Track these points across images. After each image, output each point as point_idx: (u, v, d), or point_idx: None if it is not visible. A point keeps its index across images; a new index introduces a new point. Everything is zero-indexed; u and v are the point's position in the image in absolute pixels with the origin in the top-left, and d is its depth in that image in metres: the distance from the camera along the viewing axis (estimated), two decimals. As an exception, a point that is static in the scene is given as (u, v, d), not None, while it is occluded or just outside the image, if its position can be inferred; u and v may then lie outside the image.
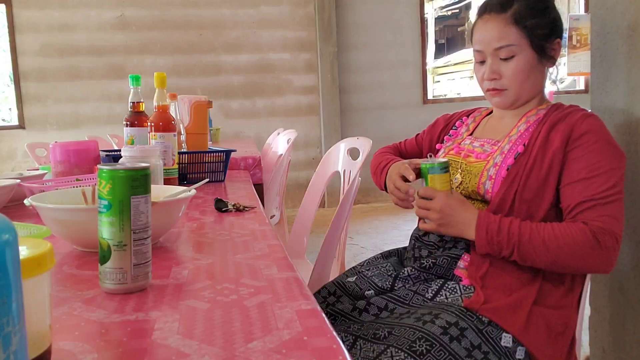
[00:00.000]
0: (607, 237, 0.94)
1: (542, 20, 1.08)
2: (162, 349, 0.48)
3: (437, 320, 0.90)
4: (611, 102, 1.40)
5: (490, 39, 1.08)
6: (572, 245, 0.93)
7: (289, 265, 0.75)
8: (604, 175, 0.97)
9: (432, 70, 10.09)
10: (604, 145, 1.00)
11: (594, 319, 1.52)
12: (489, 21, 1.09)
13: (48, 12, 4.75)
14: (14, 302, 0.34)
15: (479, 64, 1.14)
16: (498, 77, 1.10)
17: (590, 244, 0.93)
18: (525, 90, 1.11)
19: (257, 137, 4.92)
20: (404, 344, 0.85)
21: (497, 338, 0.90)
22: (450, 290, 1.01)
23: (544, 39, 1.08)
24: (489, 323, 0.91)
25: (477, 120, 1.25)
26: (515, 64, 1.08)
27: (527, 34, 1.06)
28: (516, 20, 1.06)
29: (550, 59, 1.11)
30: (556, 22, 1.11)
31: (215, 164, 1.66)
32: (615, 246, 0.95)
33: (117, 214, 0.63)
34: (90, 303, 0.62)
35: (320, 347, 0.48)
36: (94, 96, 4.87)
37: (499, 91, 1.11)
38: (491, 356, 0.88)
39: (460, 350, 0.87)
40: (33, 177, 1.38)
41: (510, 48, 1.07)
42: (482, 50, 1.11)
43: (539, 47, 1.08)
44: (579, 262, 0.95)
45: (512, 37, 1.07)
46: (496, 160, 1.07)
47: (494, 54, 1.09)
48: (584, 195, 0.97)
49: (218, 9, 4.99)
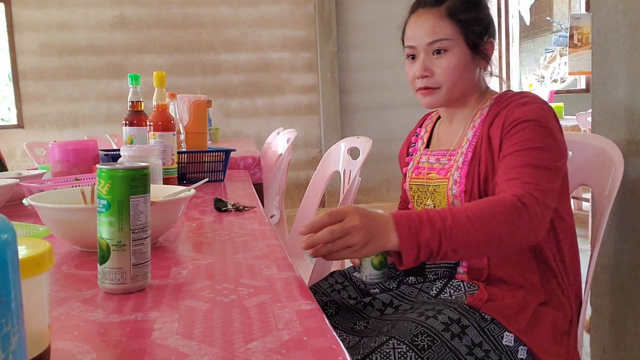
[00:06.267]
0: (531, 200, 0.88)
1: (477, 16, 1.06)
2: (162, 349, 0.48)
3: (439, 316, 0.90)
4: (612, 101, 1.40)
5: (424, 34, 1.05)
6: (497, 213, 0.86)
7: (289, 265, 0.75)
8: (535, 150, 0.94)
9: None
10: (537, 127, 0.96)
11: (594, 320, 1.52)
12: (422, 15, 1.06)
13: (47, 11, 4.74)
14: (13, 302, 0.34)
15: (410, 61, 1.09)
16: (430, 74, 1.05)
17: (514, 207, 0.86)
18: (457, 89, 1.07)
19: (256, 136, 4.92)
20: (406, 336, 0.86)
21: (499, 337, 0.90)
22: (454, 288, 1.01)
23: (478, 35, 1.06)
24: (491, 321, 0.92)
25: (428, 129, 1.22)
26: (449, 59, 1.04)
27: (462, 29, 1.04)
28: (451, 13, 1.04)
29: (484, 57, 1.08)
30: (489, 21, 1.09)
31: (214, 163, 1.65)
32: (539, 211, 0.88)
33: (117, 214, 0.63)
34: (89, 303, 0.62)
35: (320, 347, 0.48)
36: (93, 95, 4.87)
37: (430, 90, 1.07)
38: (492, 355, 0.89)
39: (461, 347, 0.87)
40: (32, 176, 1.38)
41: (444, 42, 1.04)
42: (414, 45, 1.07)
43: (473, 44, 1.05)
44: (509, 228, 0.86)
45: (447, 31, 1.03)
46: (455, 177, 1.06)
47: (427, 49, 1.05)
48: (512, 165, 0.94)
49: (217, 8, 4.98)
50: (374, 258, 1.05)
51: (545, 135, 0.96)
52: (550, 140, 0.96)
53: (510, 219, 0.86)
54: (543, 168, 0.93)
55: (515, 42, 5.72)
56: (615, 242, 1.42)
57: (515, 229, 0.86)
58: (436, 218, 0.84)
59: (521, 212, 0.87)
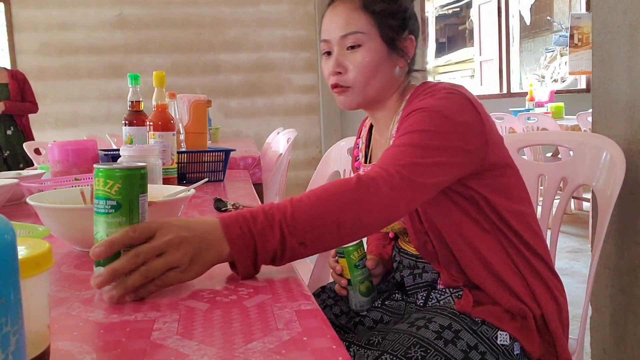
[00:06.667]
0: (382, 173, 0.79)
1: (393, 8, 0.99)
2: (161, 350, 0.48)
3: (430, 325, 0.89)
4: (613, 101, 1.40)
5: (337, 26, 0.99)
6: (343, 191, 0.76)
7: (289, 265, 0.75)
8: (414, 133, 0.86)
9: (432, 69, 10.11)
10: (425, 113, 0.88)
11: (594, 320, 1.52)
12: (336, 7, 1.00)
13: (47, 10, 4.74)
14: (13, 302, 0.34)
15: (326, 57, 1.03)
16: (343, 70, 0.99)
17: (361, 183, 0.76)
18: (372, 88, 0.99)
19: (256, 136, 4.92)
20: (399, 350, 0.84)
21: (493, 337, 0.89)
22: (440, 293, 0.99)
23: (395, 30, 0.99)
24: (482, 323, 0.90)
25: (364, 139, 1.17)
26: (363, 54, 0.97)
27: (377, 22, 0.97)
28: (365, 5, 0.97)
29: (402, 55, 1.01)
30: (409, 16, 1.02)
31: (214, 163, 1.65)
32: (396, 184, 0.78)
33: (127, 214, 0.63)
34: (89, 303, 0.61)
35: (320, 348, 0.48)
36: (93, 95, 4.87)
37: (343, 89, 1.00)
38: (488, 356, 0.88)
39: (456, 353, 0.86)
40: (31, 176, 1.38)
41: (358, 36, 0.97)
42: (328, 39, 1.01)
43: (389, 39, 0.98)
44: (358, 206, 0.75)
45: (360, 24, 0.97)
46: None
47: (340, 43, 0.99)
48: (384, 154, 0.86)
49: (217, 8, 4.99)
50: (360, 285, 1.01)
51: (434, 118, 0.87)
52: (439, 122, 0.86)
53: (358, 196, 0.75)
54: (416, 147, 0.84)
55: (515, 42, 5.72)
56: (615, 242, 1.41)
57: (366, 205, 0.76)
58: (274, 210, 0.71)
59: (369, 187, 0.77)
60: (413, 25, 1.03)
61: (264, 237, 0.69)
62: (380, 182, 0.77)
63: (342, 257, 1.01)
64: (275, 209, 0.71)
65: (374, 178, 0.78)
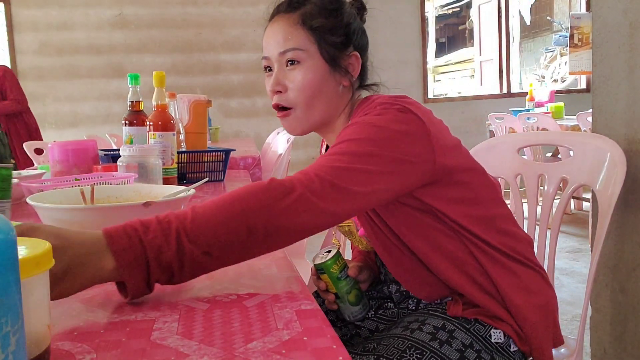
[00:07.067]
0: (300, 176, 0.73)
1: (334, 24, 0.93)
2: (161, 349, 0.48)
3: (424, 327, 0.88)
4: (613, 101, 1.40)
5: (276, 42, 0.94)
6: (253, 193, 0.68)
7: (289, 265, 0.75)
8: (340, 144, 0.80)
9: (432, 69, 10.11)
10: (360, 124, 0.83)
11: (595, 320, 1.52)
12: (275, 23, 0.96)
13: (47, 10, 4.74)
14: (13, 302, 0.34)
15: (268, 75, 0.98)
16: (283, 89, 0.94)
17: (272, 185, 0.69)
18: (315, 109, 0.94)
19: (256, 136, 4.92)
20: (394, 353, 0.84)
21: (487, 335, 0.89)
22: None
23: (337, 47, 0.94)
24: (475, 321, 0.90)
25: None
26: (302, 72, 0.92)
27: (316, 38, 0.92)
28: (304, 20, 0.92)
29: (345, 73, 0.95)
30: (352, 31, 0.96)
31: (214, 163, 1.65)
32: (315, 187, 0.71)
33: None
34: (89, 303, 0.61)
35: (320, 348, 0.48)
36: (93, 95, 4.87)
37: (285, 112, 0.95)
38: (484, 354, 0.87)
39: (452, 354, 0.85)
40: (31, 176, 1.38)
41: (296, 52, 0.92)
42: (268, 56, 0.96)
43: (329, 57, 0.93)
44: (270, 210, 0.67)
45: (299, 40, 0.92)
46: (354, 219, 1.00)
47: (280, 60, 0.94)
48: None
49: (217, 8, 4.98)
50: (348, 296, 0.99)
51: (365, 128, 0.82)
52: (372, 131, 0.81)
53: (269, 197, 0.67)
54: (344, 154, 0.78)
55: (515, 42, 5.72)
56: (615, 242, 1.41)
57: (279, 208, 0.67)
58: (170, 217, 0.63)
59: (282, 189, 0.69)
60: (359, 40, 0.97)
61: (157, 247, 0.60)
62: (296, 184, 0.70)
63: (322, 273, 0.98)
64: (173, 216, 0.63)
65: (290, 180, 0.71)
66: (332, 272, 0.97)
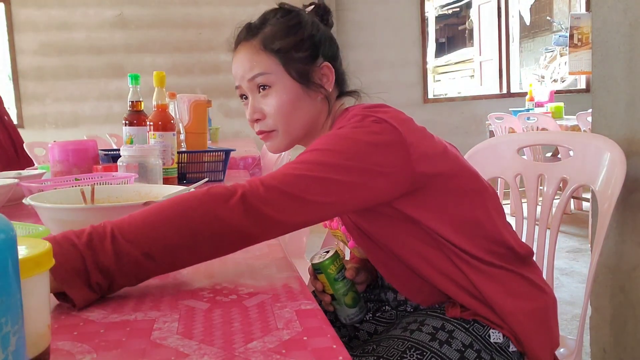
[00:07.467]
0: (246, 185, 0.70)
1: (295, 41, 0.92)
2: (161, 349, 0.48)
3: (423, 327, 0.88)
4: (613, 101, 1.40)
5: (243, 71, 0.94)
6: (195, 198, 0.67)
7: (289, 265, 0.75)
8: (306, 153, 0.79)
9: (432, 69, 10.12)
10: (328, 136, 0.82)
11: (594, 320, 1.52)
12: (240, 51, 0.96)
13: (47, 10, 4.74)
14: (13, 302, 0.34)
15: (245, 102, 0.97)
16: (261, 116, 0.94)
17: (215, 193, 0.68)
18: (296, 127, 0.94)
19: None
20: (394, 354, 0.84)
21: (486, 335, 0.88)
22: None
23: (305, 62, 0.92)
24: (474, 322, 0.89)
25: None
26: (275, 96, 0.91)
27: (281, 60, 0.91)
28: (265, 44, 0.92)
29: (319, 87, 0.93)
30: (317, 42, 0.94)
31: (214, 163, 1.65)
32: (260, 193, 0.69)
33: None
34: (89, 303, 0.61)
35: (320, 347, 0.48)
36: (93, 95, 4.87)
37: (267, 134, 0.95)
38: (484, 354, 0.87)
39: (452, 354, 0.85)
40: (32, 176, 1.38)
41: (265, 77, 0.91)
42: (239, 85, 0.96)
43: (299, 74, 0.91)
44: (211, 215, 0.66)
45: (264, 65, 0.91)
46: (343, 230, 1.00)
47: (251, 87, 0.94)
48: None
49: (217, 8, 4.98)
50: (345, 298, 0.98)
51: (332, 139, 0.80)
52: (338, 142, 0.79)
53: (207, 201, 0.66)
54: (303, 162, 0.76)
55: (515, 42, 5.72)
56: (615, 242, 1.42)
57: (220, 209, 0.66)
58: (106, 223, 0.63)
59: (221, 193, 0.67)
60: (327, 50, 0.95)
61: (93, 250, 0.58)
62: (238, 188, 0.69)
63: (320, 273, 0.97)
64: (108, 222, 0.62)
65: (232, 185, 0.69)
66: (329, 272, 0.96)
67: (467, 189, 0.90)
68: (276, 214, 0.69)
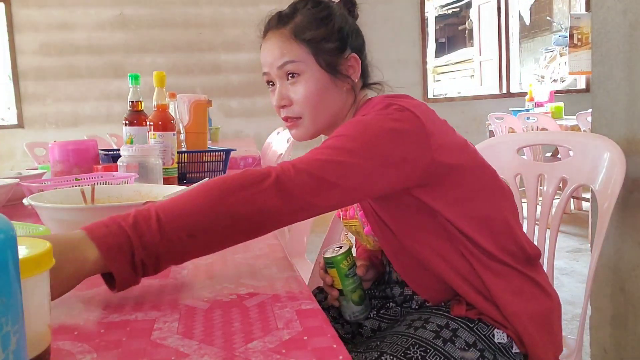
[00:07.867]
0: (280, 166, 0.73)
1: (326, 32, 0.94)
2: (162, 349, 0.48)
3: (427, 325, 0.88)
4: (612, 101, 1.40)
5: (273, 58, 0.96)
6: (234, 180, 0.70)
7: (289, 265, 0.75)
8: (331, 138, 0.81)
9: (432, 69, 10.12)
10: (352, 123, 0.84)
11: (594, 319, 1.52)
12: (270, 39, 0.97)
13: (47, 10, 4.74)
14: (13, 302, 0.34)
15: (272, 89, 0.99)
16: (288, 102, 0.96)
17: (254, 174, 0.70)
18: (322, 116, 0.96)
19: (256, 136, 4.91)
20: (398, 350, 0.84)
21: (490, 335, 0.89)
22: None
23: (334, 54, 0.94)
24: (479, 321, 0.90)
25: None
26: (304, 84, 0.93)
27: (311, 49, 0.93)
28: (296, 34, 0.94)
29: (346, 78, 0.96)
30: (346, 35, 0.96)
31: (214, 163, 1.65)
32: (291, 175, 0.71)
33: None
34: (90, 303, 0.62)
35: (320, 347, 0.48)
36: (93, 95, 4.87)
37: (294, 121, 0.97)
38: (487, 354, 0.87)
39: (455, 352, 0.86)
40: (32, 176, 1.38)
41: (295, 65, 0.93)
42: (267, 72, 0.98)
43: (328, 65, 0.94)
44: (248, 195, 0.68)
45: (295, 53, 0.93)
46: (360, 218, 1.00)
47: (280, 75, 0.96)
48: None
49: (217, 8, 4.98)
50: (352, 295, 0.99)
51: (356, 125, 0.82)
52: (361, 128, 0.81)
53: (244, 181, 0.69)
54: (328, 147, 0.78)
55: (515, 42, 5.71)
56: (615, 242, 1.42)
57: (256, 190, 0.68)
58: (149, 205, 0.65)
59: (256, 174, 0.70)
60: (354, 42, 0.98)
61: (139, 230, 0.60)
62: (271, 170, 0.71)
63: (331, 267, 0.98)
64: (151, 204, 0.65)
65: (266, 167, 0.72)
66: (341, 267, 0.97)
67: (485, 185, 0.92)
68: (306, 196, 0.72)
